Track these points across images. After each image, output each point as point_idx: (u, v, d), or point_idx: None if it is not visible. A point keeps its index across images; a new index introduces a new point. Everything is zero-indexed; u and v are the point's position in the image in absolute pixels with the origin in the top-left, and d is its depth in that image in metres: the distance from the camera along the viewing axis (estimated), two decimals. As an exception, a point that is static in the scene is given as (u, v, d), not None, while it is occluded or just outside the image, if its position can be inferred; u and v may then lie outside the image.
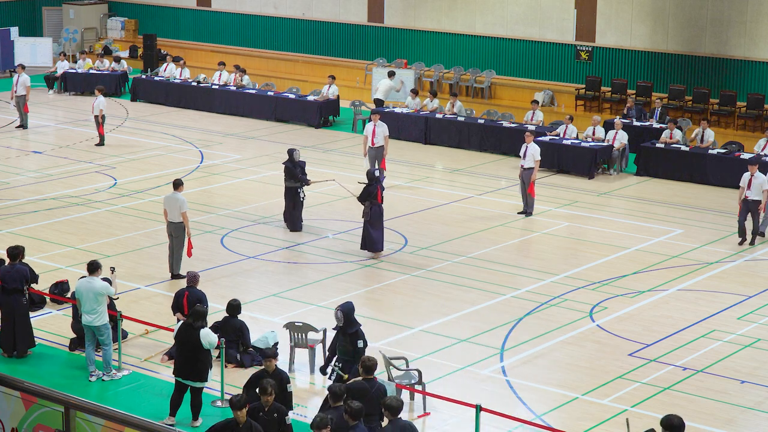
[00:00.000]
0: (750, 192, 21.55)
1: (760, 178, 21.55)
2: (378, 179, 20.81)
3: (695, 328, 17.66)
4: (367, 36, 36.83)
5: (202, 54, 39.97)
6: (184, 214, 19.08)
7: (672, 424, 11.02)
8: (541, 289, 19.21)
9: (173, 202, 19.19)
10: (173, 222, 19.25)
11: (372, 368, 12.81)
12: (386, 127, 25.35)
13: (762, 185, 21.51)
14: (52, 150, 28.75)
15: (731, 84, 30.53)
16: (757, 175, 21.54)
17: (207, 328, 14.36)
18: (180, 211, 19.08)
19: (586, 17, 32.69)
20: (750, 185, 21.57)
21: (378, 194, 20.61)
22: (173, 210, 19.18)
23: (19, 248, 16.51)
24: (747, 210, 21.71)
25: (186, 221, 19.11)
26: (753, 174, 21.55)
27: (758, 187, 21.53)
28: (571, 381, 15.68)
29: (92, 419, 9.34)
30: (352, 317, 14.43)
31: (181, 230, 19.20)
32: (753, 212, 21.70)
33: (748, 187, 21.59)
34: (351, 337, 14.30)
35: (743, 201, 21.64)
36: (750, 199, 21.58)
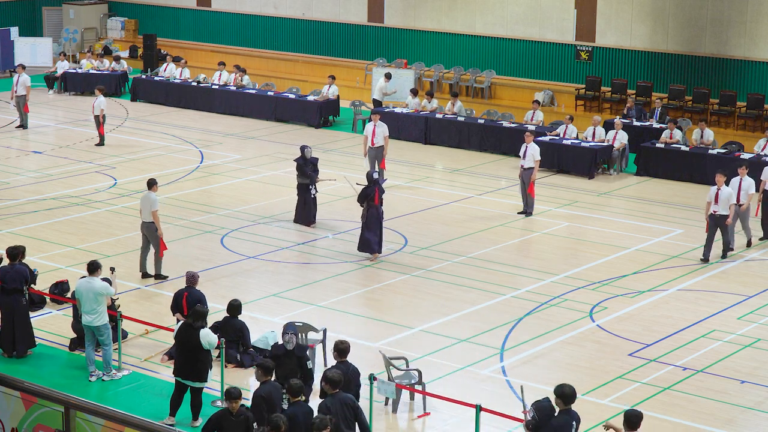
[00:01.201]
0: (717, 207, 20.48)
1: (726, 191, 20.54)
2: (377, 181, 20.76)
3: (695, 328, 17.67)
4: (367, 36, 36.83)
5: (202, 54, 39.97)
6: (155, 213, 19.01)
7: (564, 392, 11.51)
8: (541, 289, 19.21)
9: (146, 201, 19.14)
10: (145, 222, 19.17)
11: (346, 351, 13.09)
12: (386, 128, 25.35)
13: (729, 199, 20.50)
14: (52, 150, 28.75)
15: (731, 84, 30.53)
16: (723, 190, 20.53)
17: (207, 329, 14.36)
18: (150, 210, 19.01)
19: (586, 17, 32.69)
20: (717, 199, 20.50)
21: (375, 196, 20.52)
22: (145, 209, 19.14)
23: (18, 248, 16.51)
24: (715, 226, 20.61)
25: (156, 221, 19.02)
26: (720, 187, 20.53)
27: (725, 201, 20.48)
28: (571, 381, 15.57)
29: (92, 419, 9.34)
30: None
31: (153, 230, 19.13)
32: (721, 228, 20.65)
33: (715, 202, 20.51)
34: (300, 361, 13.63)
35: (710, 216, 20.58)
36: (717, 215, 20.51)
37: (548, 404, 11.72)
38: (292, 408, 12.24)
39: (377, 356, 15.41)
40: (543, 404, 11.71)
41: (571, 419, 11.54)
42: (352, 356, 16.33)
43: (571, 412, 11.59)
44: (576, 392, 11.68)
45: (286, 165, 27.36)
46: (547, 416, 11.60)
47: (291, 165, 27.22)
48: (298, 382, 12.49)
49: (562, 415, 11.55)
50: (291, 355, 13.52)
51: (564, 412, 11.55)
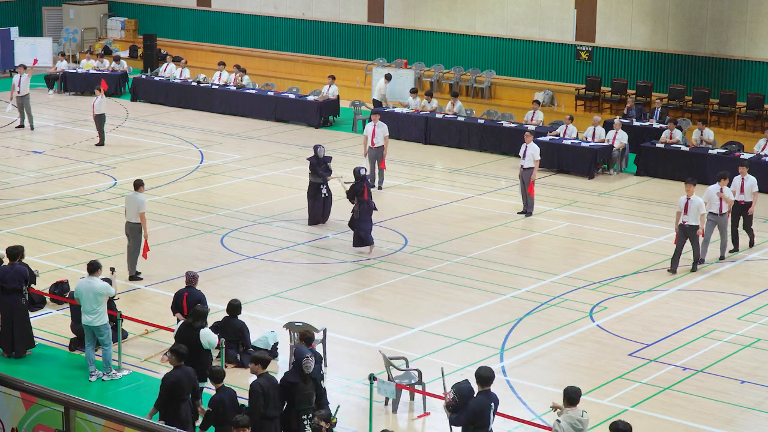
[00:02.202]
0: (687, 217, 19.78)
1: (697, 201, 19.85)
2: (364, 177, 20.99)
3: (695, 328, 17.67)
4: (367, 36, 36.83)
5: (202, 54, 39.97)
6: (142, 214, 18.91)
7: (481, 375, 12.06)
8: (541, 289, 19.20)
9: (132, 202, 19.01)
10: (130, 222, 19.06)
11: (311, 339, 13.34)
12: (386, 128, 25.35)
13: (699, 209, 19.83)
14: (52, 150, 28.75)
15: (731, 84, 30.53)
16: (693, 199, 19.82)
17: (207, 328, 14.36)
18: (138, 212, 18.90)
19: (586, 17, 32.70)
20: (687, 209, 19.81)
21: (365, 192, 20.75)
22: (132, 210, 19.01)
23: (18, 248, 16.51)
24: (684, 237, 19.93)
25: (144, 222, 18.93)
26: (690, 197, 19.84)
27: (695, 211, 19.79)
28: (571, 381, 15.62)
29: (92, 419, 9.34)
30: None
31: (138, 231, 19.02)
32: (691, 238, 19.94)
33: (684, 212, 19.81)
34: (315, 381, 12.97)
35: (680, 227, 19.92)
36: (687, 225, 19.82)
37: (468, 386, 12.26)
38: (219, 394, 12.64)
39: (377, 356, 15.41)
40: (462, 386, 12.23)
41: (488, 400, 12.06)
42: (353, 356, 16.38)
43: (489, 393, 12.10)
44: (494, 374, 12.17)
45: (286, 165, 27.38)
46: (466, 398, 12.11)
47: (291, 165, 27.27)
48: (221, 369, 12.94)
49: (480, 396, 12.06)
50: (308, 379, 12.76)
51: (482, 394, 12.08)
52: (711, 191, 20.62)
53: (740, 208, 21.27)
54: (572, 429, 11.69)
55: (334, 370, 15.93)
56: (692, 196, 19.85)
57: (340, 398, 14.47)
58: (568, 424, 11.69)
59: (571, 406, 11.77)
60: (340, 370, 15.94)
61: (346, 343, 16.80)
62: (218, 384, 12.70)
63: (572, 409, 11.78)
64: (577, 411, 11.77)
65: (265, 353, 13.39)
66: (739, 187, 21.27)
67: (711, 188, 20.72)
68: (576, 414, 11.74)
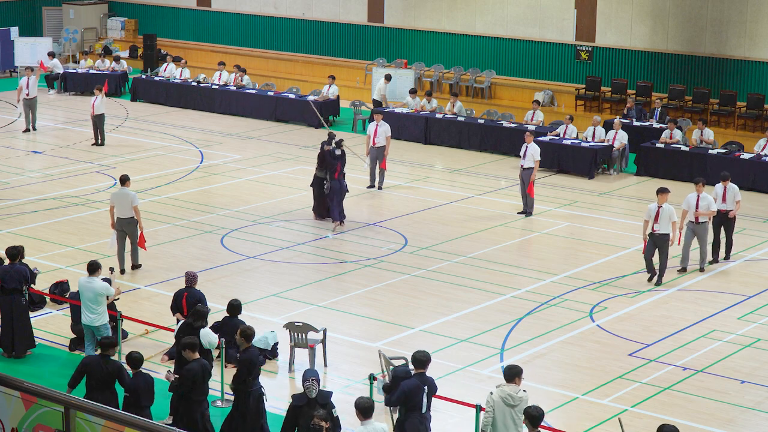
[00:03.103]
0: (658, 225, 19.13)
1: (668, 209, 19.19)
2: (338, 157, 22.17)
3: (695, 328, 17.67)
4: (367, 36, 36.83)
5: (202, 54, 39.98)
6: (136, 208, 19.15)
7: (415, 357, 12.39)
8: (541, 289, 19.21)
9: (123, 197, 19.14)
10: (123, 218, 19.18)
11: (251, 336, 13.44)
12: (388, 127, 25.37)
13: (671, 217, 19.22)
14: (52, 150, 28.75)
15: (731, 84, 30.54)
16: (665, 207, 19.17)
17: (207, 328, 14.35)
18: (131, 206, 19.11)
19: (586, 17, 32.70)
20: (658, 218, 19.17)
21: (336, 171, 22.08)
22: (124, 205, 19.14)
23: (18, 248, 16.52)
24: (654, 246, 19.27)
25: (138, 215, 19.16)
26: (661, 205, 19.15)
27: (667, 219, 19.16)
28: (571, 381, 15.68)
29: (92, 419, 9.33)
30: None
31: (133, 225, 19.22)
32: (661, 247, 19.27)
33: (655, 220, 19.15)
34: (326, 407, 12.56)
35: (650, 235, 19.23)
36: (658, 233, 19.15)
37: (404, 369, 12.66)
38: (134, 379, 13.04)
39: (377, 356, 15.41)
40: (399, 369, 12.71)
41: (422, 383, 12.37)
42: (353, 356, 16.38)
43: (424, 376, 12.42)
44: (429, 358, 12.49)
45: (286, 165, 27.38)
46: (399, 379, 12.45)
47: (291, 165, 27.26)
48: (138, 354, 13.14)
49: (414, 379, 12.39)
50: (313, 403, 12.57)
51: (417, 376, 12.42)
52: (690, 199, 19.98)
53: (722, 217, 20.51)
54: (503, 402, 12.00)
55: (334, 370, 15.93)
56: (664, 205, 19.12)
57: (340, 398, 14.47)
58: (500, 398, 12.01)
59: (510, 383, 12.11)
60: (340, 370, 15.94)
61: (346, 343, 16.81)
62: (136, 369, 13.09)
63: (510, 385, 12.10)
64: (513, 387, 12.08)
65: (196, 339, 13.55)
66: (721, 195, 20.51)
67: (690, 196, 20.06)
68: (512, 390, 12.03)
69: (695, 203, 19.86)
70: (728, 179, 20.77)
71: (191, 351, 13.19)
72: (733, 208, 20.55)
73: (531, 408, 11.44)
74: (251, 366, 13.27)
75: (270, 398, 15.07)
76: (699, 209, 19.83)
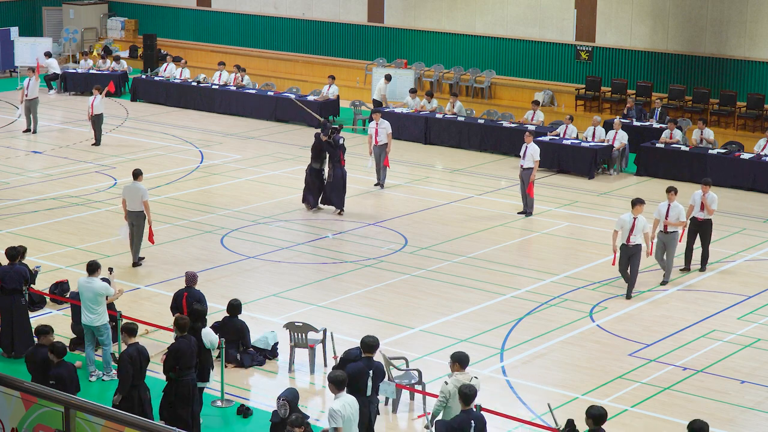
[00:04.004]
0: (634, 237, 18.50)
1: (642, 221, 18.56)
2: (342, 146, 23.00)
3: (695, 328, 17.67)
4: (367, 36, 36.83)
5: (202, 54, 39.98)
6: (146, 202, 19.46)
7: (363, 342, 12.82)
8: (541, 289, 19.20)
9: (134, 191, 19.53)
10: (133, 211, 19.58)
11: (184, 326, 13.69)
12: (388, 125, 25.39)
13: (644, 228, 18.59)
14: (52, 150, 28.74)
15: (731, 84, 30.54)
16: (639, 218, 18.50)
17: (208, 328, 14.36)
18: (141, 200, 19.41)
19: (586, 17, 32.70)
20: (634, 229, 18.49)
21: (341, 158, 22.97)
22: (134, 199, 19.49)
23: (17, 249, 16.52)
24: (627, 257, 18.60)
25: (147, 209, 19.48)
26: (636, 216, 18.48)
27: (641, 230, 18.57)
28: (571, 381, 15.68)
29: (92, 419, 9.34)
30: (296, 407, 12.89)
31: (142, 219, 19.56)
32: (633, 259, 18.62)
33: (631, 231, 18.49)
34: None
35: (622, 246, 18.59)
36: (632, 244, 18.52)
37: (355, 352, 12.97)
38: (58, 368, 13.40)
39: (377, 356, 15.39)
40: (350, 351, 13.04)
41: (368, 367, 12.76)
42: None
43: (371, 361, 12.82)
44: (377, 343, 12.94)
45: (286, 165, 27.38)
46: (346, 362, 12.86)
47: (291, 165, 27.25)
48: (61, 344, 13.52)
49: (358, 363, 12.73)
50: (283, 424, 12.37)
51: (364, 360, 12.82)
52: (661, 208, 19.42)
53: (698, 226, 19.98)
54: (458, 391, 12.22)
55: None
56: (639, 216, 18.47)
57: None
58: (455, 387, 12.16)
59: (460, 370, 12.37)
60: (340, 370, 15.93)
61: (347, 343, 16.78)
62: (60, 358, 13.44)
63: (461, 372, 12.36)
64: (465, 375, 12.32)
65: (134, 323, 13.86)
66: (698, 203, 19.94)
67: (661, 204, 19.50)
68: (464, 377, 12.26)
69: (665, 212, 19.28)
70: (710, 185, 20.09)
71: (128, 335, 13.54)
72: (710, 218, 19.95)
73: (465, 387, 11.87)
74: (177, 355, 13.44)
75: (270, 398, 15.08)
76: (669, 218, 19.24)
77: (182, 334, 13.62)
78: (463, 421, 11.68)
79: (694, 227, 20.05)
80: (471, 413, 11.77)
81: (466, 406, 11.78)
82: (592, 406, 11.68)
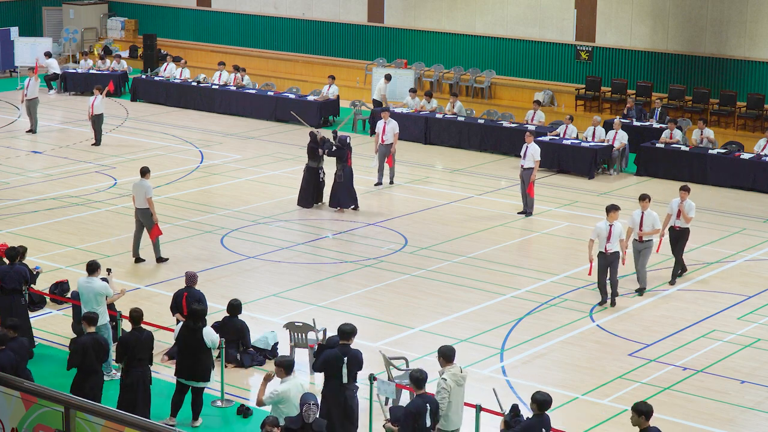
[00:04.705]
0: (611, 245, 17.99)
1: (619, 227, 18.10)
2: (348, 144, 23.28)
3: (695, 328, 17.67)
4: (367, 36, 36.83)
5: (202, 54, 39.97)
6: (149, 199, 19.72)
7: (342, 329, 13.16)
8: (541, 289, 19.20)
9: (140, 188, 19.85)
10: (140, 208, 19.88)
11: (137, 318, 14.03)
12: (396, 125, 25.45)
13: (620, 234, 18.14)
14: (52, 150, 28.74)
15: (731, 84, 30.53)
16: (616, 225, 18.02)
17: (209, 327, 14.37)
18: (145, 197, 19.70)
19: (586, 17, 32.70)
20: (610, 236, 17.99)
21: (348, 157, 23.23)
22: (140, 196, 19.80)
23: (17, 249, 16.52)
24: (606, 265, 18.12)
25: (151, 206, 19.75)
26: (612, 223, 18.00)
27: (617, 237, 18.09)
28: (571, 381, 15.68)
29: (92, 419, 9.34)
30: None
31: (148, 216, 19.81)
32: (612, 267, 18.14)
33: (608, 239, 18.01)
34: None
35: (599, 255, 18.14)
36: (609, 252, 18.03)
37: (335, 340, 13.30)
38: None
39: (377, 356, 15.41)
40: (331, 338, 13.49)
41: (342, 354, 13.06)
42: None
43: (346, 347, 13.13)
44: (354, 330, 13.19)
45: (286, 165, 27.39)
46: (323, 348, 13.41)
47: (291, 165, 27.25)
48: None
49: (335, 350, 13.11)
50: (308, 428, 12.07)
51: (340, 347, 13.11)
52: (635, 216, 18.79)
53: (676, 234, 19.40)
54: (456, 384, 12.52)
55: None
56: (615, 222, 18.01)
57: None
58: (453, 381, 12.48)
59: (450, 364, 12.58)
60: (340, 370, 15.93)
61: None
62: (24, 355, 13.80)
63: (451, 366, 12.59)
64: (455, 367, 12.62)
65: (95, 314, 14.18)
66: (675, 211, 19.34)
67: (635, 213, 18.88)
68: (456, 370, 12.58)
69: (639, 220, 18.67)
70: (688, 192, 19.46)
71: (87, 324, 13.88)
72: (687, 226, 19.39)
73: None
74: (125, 347, 13.79)
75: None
76: (643, 227, 18.64)
77: (135, 326, 13.93)
78: (418, 405, 12.18)
79: (673, 236, 19.41)
80: (425, 397, 12.30)
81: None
82: (537, 392, 11.95)
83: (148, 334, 13.91)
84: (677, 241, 19.45)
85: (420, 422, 12.19)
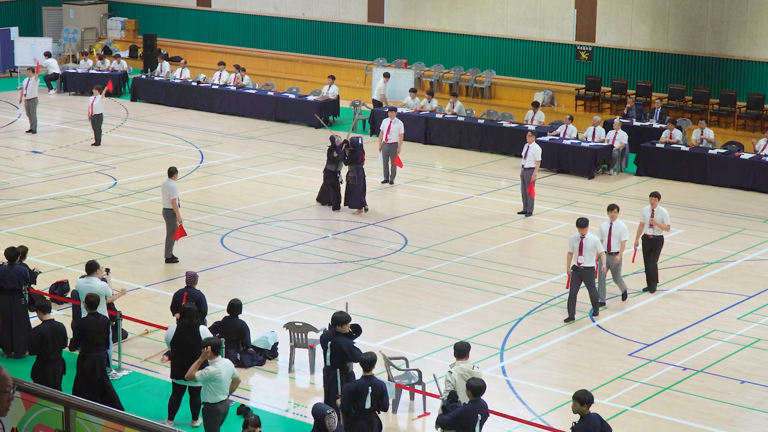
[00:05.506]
0: (583, 258, 17.48)
1: (592, 239, 17.59)
2: (361, 146, 23.30)
3: (695, 328, 17.67)
4: (367, 36, 36.83)
5: (202, 54, 39.98)
6: (173, 201, 19.74)
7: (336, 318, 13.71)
8: (541, 289, 19.20)
9: (165, 189, 20.00)
10: (165, 208, 20.03)
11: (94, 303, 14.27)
12: (401, 125, 25.50)
13: (596, 247, 17.58)
14: (52, 150, 28.75)
15: (731, 84, 30.53)
16: (588, 237, 17.55)
17: (204, 326, 14.37)
18: (169, 198, 19.78)
19: (586, 17, 32.70)
20: (582, 249, 17.50)
21: (362, 158, 23.27)
22: (165, 196, 19.98)
23: (18, 249, 16.52)
24: (579, 279, 17.63)
25: (174, 207, 19.77)
26: (584, 236, 17.53)
27: (591, 250, 17.52)
28: (571, 381, 15.67)
29: (92, 419, 9.33)
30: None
31: (171, 216, 19.87)
32: (587, 281, 17.70)
33: (580, 252, 17.51)
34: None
35: (573, 269, 17.61)
36: (583, 266, 17.50)
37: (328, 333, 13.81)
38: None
39: (377, 356, 15.39)
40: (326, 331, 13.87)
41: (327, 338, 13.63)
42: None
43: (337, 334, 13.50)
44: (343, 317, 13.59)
45: (286, 165, 27.39)
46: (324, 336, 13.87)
47: (291, 165, 27.26)
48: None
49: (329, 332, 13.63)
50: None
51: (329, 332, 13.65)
52: (603, 227, 18.38)
53: (649, 244, 18.91)
54: (462, 379, 12.56)
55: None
56: (587, 235, 17.53)
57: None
58: (459, 375, 12.61)
59: (462, 359, 12.77)
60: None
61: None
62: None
63: (463, 361, 12.77)
64: (467, 363, 12.80)
65: (47, 301, 14.54)
66: (648, 219, 18.86)
67: (603, 224, 18.46)
68: (467, 366, 12.72)
69: (608, 231, 18.24)
70: (658, 198, 18.94)
71: (42, 312, 14.35)
72: (661, 234, 18.91)
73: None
74: (81, 331, 14.03)
75: (270, 398, 15.11)
76: (612, 237, 18.14)
77: (91, 311, 14.15)
78: (359, 385, 12.64)
79: (647, 245, 18.94)
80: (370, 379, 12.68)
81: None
82: (472, 378, 12.26)
83: (104, 318, 14.26)
84: (650, 251, 18.94)
85: (359, 403, 12.49)
